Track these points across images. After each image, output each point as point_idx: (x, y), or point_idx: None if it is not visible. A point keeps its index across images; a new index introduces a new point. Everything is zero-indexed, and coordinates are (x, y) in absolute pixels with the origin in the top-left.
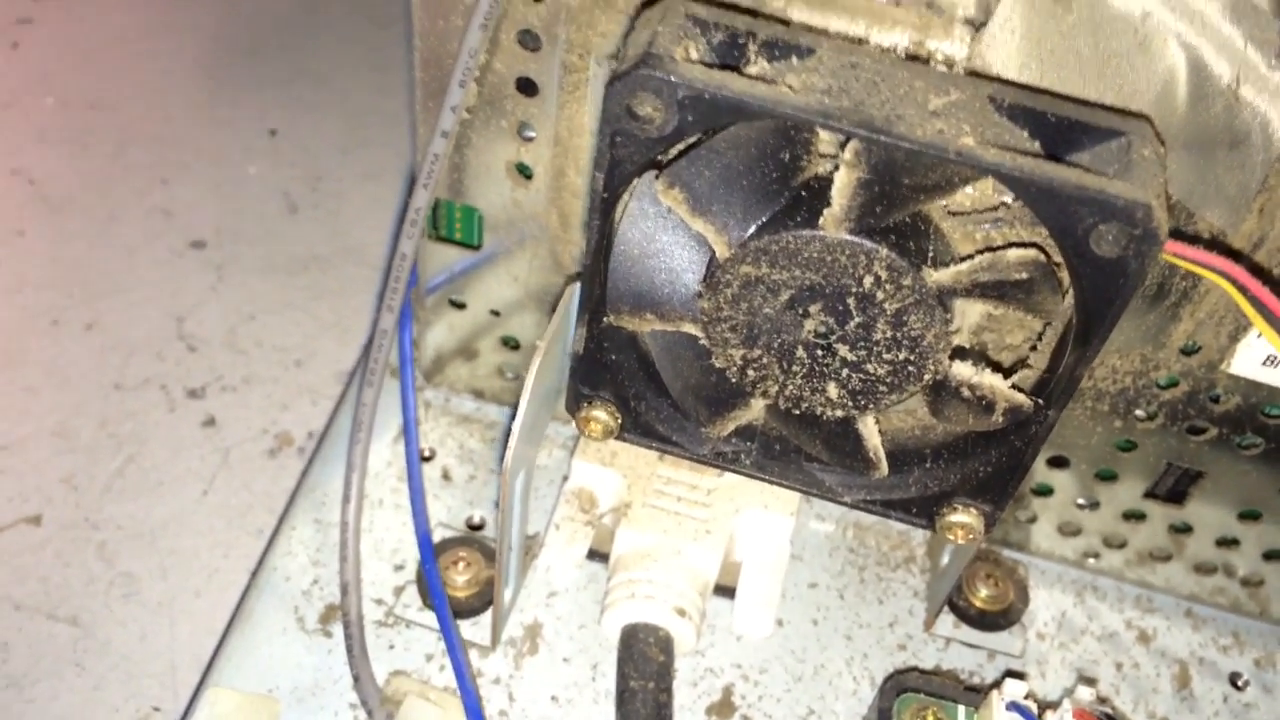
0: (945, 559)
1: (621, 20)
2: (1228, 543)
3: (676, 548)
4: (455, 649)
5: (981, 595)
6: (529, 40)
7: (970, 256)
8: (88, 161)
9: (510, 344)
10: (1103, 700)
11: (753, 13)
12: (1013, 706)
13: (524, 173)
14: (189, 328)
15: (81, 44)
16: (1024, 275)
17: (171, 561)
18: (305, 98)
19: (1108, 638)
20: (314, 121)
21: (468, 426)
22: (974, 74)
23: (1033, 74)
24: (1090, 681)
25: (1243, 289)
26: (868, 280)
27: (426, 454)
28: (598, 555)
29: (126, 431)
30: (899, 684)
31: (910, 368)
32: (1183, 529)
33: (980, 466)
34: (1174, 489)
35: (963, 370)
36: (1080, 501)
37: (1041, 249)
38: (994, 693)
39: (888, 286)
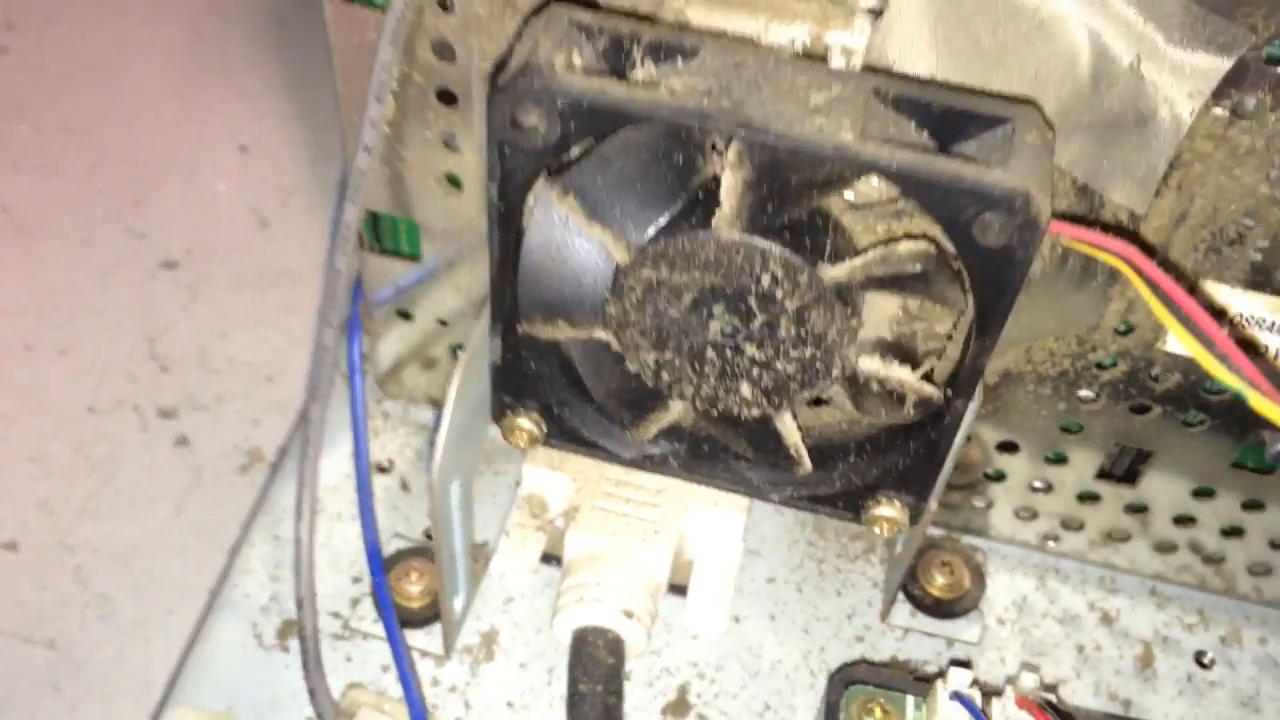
0: (898, 548)
1: None
2: (1185, 520)
3: (625, 550)
4: (401, 659)
5: (938, 584)
6: (444, 51)
7: (865, 251)
8: (61, 186)
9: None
10: (1048, 687)
11: (643, 16)
12: (955, 696)
13: (454, 183)
14: (161, 348)
15: (54, 71)
16: (917, 268)
17: (145, 581)
18: (275, 112)
19: (1070, 620)
20: (283, 136)
21: (426, 436)
22: (871, 66)
23: (932, 63)
24: (1034, 668)
25: (1138, 270)
26: (765, 279)
27: (384, 465)
28: (554, 559)
29: (101, 454)
30: (846, 676)
31: (818, 364)
32: (1139, 509)
33: (901, 459)
34: (1126, 469)
35: (870, 364)
36: (1035, 485)
37: (936, 241)
38: (939, 682)
39: (785, 285)
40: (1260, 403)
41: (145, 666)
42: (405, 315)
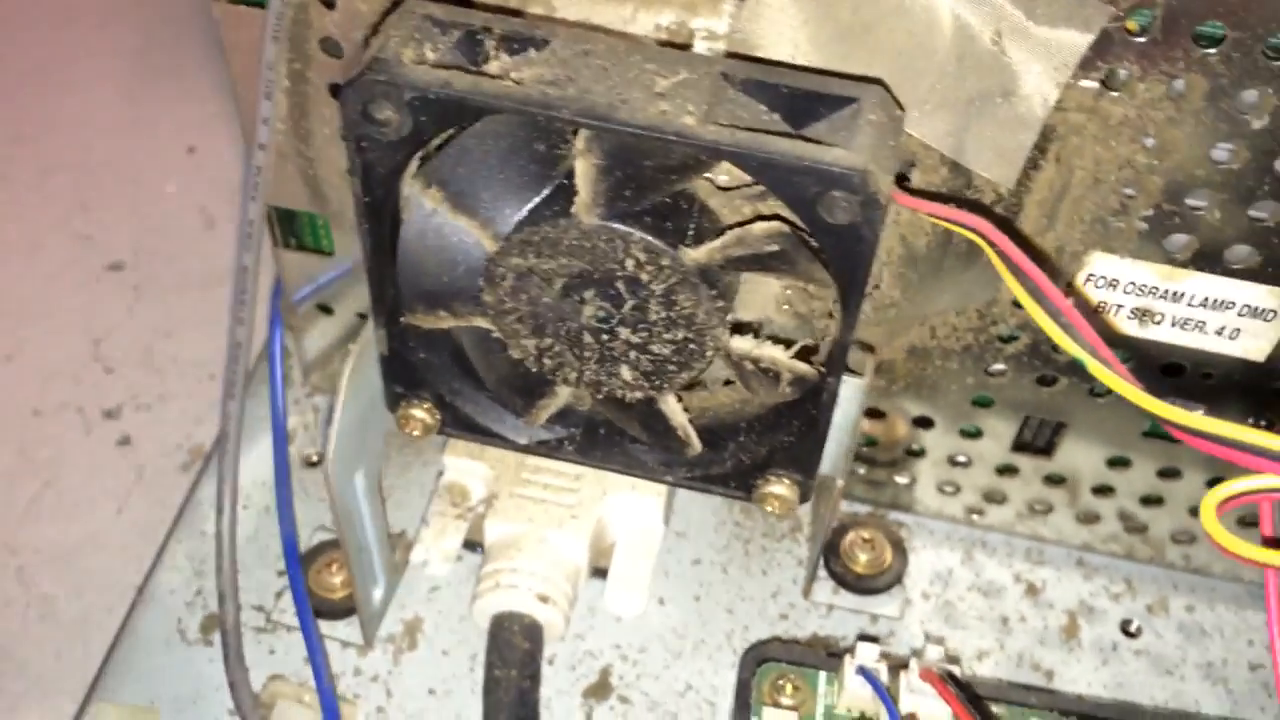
0: (816, 525)
1: None
2: (1105, 490)
3: (541, 535)
4: (315, 651)
5: (859, 560)
6: (332, 47)
7: (724, 231)
8: (9, 193)
9: None
10: (952, 659)
11: (509, 10)
12: (861, 671)
13: None
14: (105, 349)
15: (5, 78)
16: (775, 247)
17: (86, 580)
18: (224, 113)
19: (994, 592)
20: (232, 136)
21: None
22: (735, 52)
23: (797, 43)
24: (939, 640)
25: (991, 242)
26: (629, 263)
27: (314, 459)
28: (478, 546)
29: (44, 456)
30: (759, 654)
31: (691, 345)
32: (1058, 480)
33: (786, 437)
34: (1041, 441)
35: (742, 344)
36: (954, 460)
37: (791, 221)
38: (846, 658)
39: (649, 268)
40: (1101, 372)
41: (84, 665)
42: (326, 310)
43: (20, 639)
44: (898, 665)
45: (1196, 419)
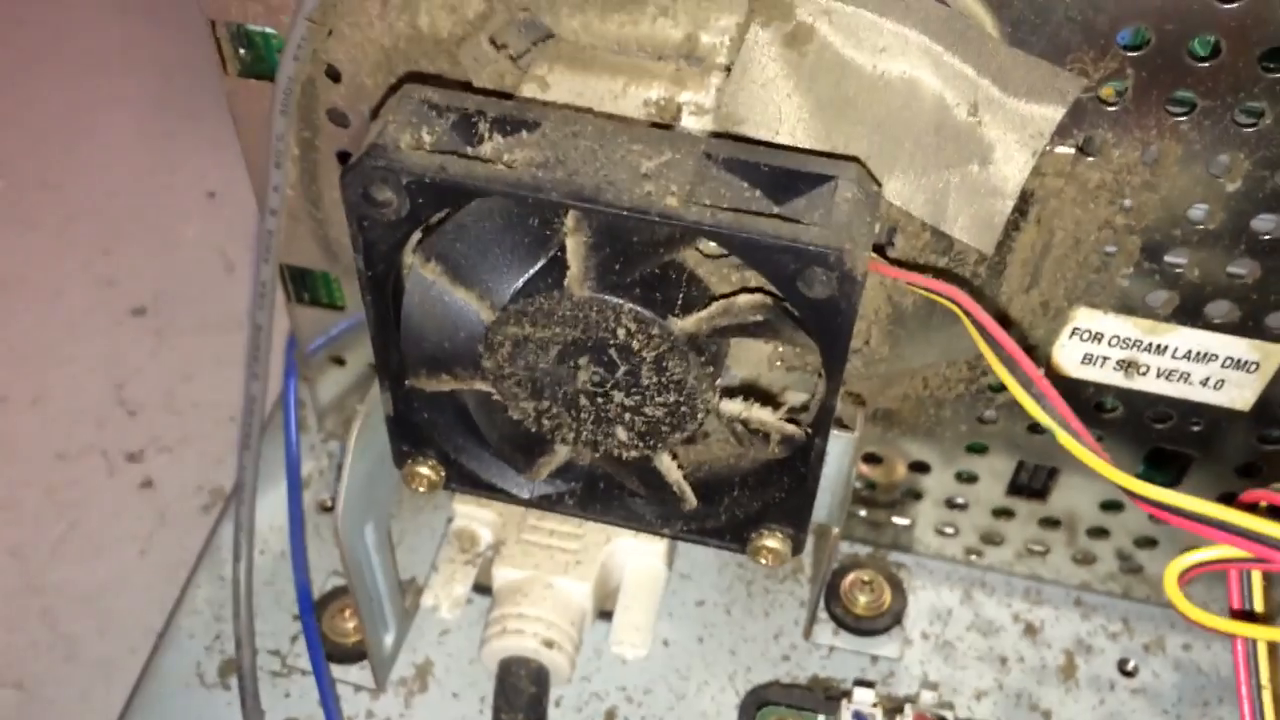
0: (817, 569)
1: None
2: (1100, 532)
3: (547, 581)
4: (326, 695)
5: (859, 602)
6: (339, 118)
7: (714, 301)
8: (35, 239)
9: None
10: (947, 704)
11: (499, 92)
12: (856, 716)
13: None
14: (128, 393)
15: (31, 127)
16: (759, 317)
17: (109, 621)
18: (243, 159)
19: (993, 632)
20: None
21: None
22: (721, 127)
23: (780, 118)
24: (933, 686)
25: (965, 311)
26: (621, 332)
27: (329, 504)
28: (488, 590)
29: (69, 499)
30: (758, 698)
31: (683, 408)
32: (1053, 522)
33: (778, 492)
34: (1035, 484)
35: (732, 406)
36: (951, 502)
37: (773, 292)
38: (843, 702)
39: (639, 337)
40: (1069, 442)
41: (107, 704)
42: (339, 361)
43: (46, 679)
44: (893, 709)
45: (1159, 492)
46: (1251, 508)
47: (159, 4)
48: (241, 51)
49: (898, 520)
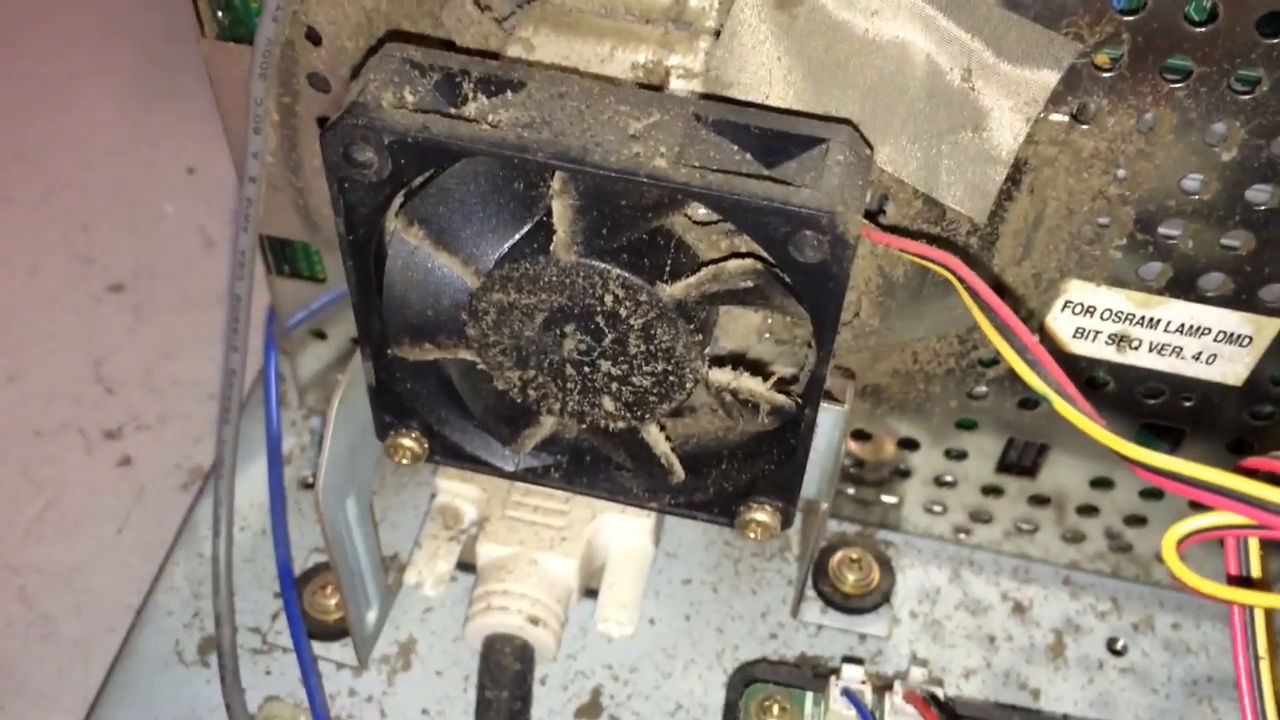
0: (804, 546)
1: None
2: (1089, 510)
3: (532, 557)
4: (308, 673)
5: (847, 580)
6: (319, 83)
7: (702, 267)
8: (12, 214)
9: None
10: (937, 681)
11: (484, 52)
12: (845, 692)
13: None
14: (106, 370)
15: (8, 100)
16: (749, 283)
17: (87, 600)
18: (224, 135)
19: (981, 610)
20: (231, 157)
21: None
22: (710, 90)
23: (770, 81)
24: (923, 663)
25: (960, 278)
26: (608, 299)
27: (310, 480)
28: (472, 568)
29: (45, 476)
30: (746, 675)
31: (671, 377)
32: (1042, 500)
33: (767, 465)
34: (1024, 462)
35: (721, 376)
36: (940, 480)
37: (764, 257)
38: (832, 679)
39: (627, 304)
40: (1066, 409)
41: (84, 684)
42: (320, 335)
43: (21, 658)
44: (882, 687)
45: (1157, 458)
46: (1251, 475)
47: None
48: (219, 14)
49: (886, 498)
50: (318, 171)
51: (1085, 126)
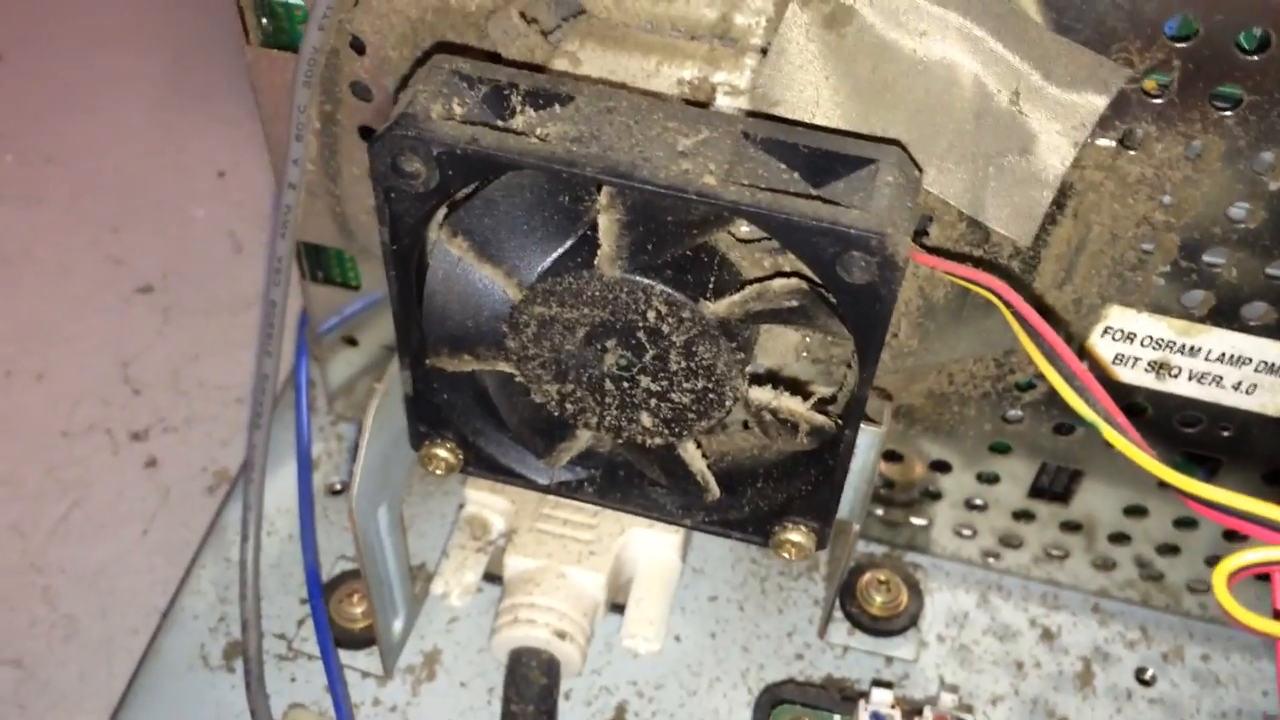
0: (833, 566)
1: None
2: (1121, 538)
3: (560, 570)
4: (335, 681)
5: (875, 602)
6: (361, 91)
7: (747, 286)
8: (42, 215)
9: None
10: (967, 708)
11: (532, 65)
12: (874, 717)
13: None
14: (134, 371)
15: (40, 101)
16: (794, 303)
17: (111, 601)
18: (254, 138)
19: (1010, 636)
20: (262, 161)
21: None
22: (756, 108)
23: (816, 100)
24: (953, 689)
25: (1006, 303)
26: (651, 315)
27: (337, 487)
28: (499, 579)
29: (72, 476)
30: (773, 696)
31: (711, 395)
32: (1074, 526)
33: (803, 485)
34: (1056, 487)
35: (761, 394)
36: (971, 503)
37: (810, 277)
38: (860, 702)
39: (670, 320)
40: (1114, 437)
41: (108, 686)
42: (351, 341)
43: (45, 658)
44: (912, 711)
45: (1209, 490)
46: None
47: None
48: (264, 21)
49: (915, 520)
50: (356, 179)
51: (1132, 152)
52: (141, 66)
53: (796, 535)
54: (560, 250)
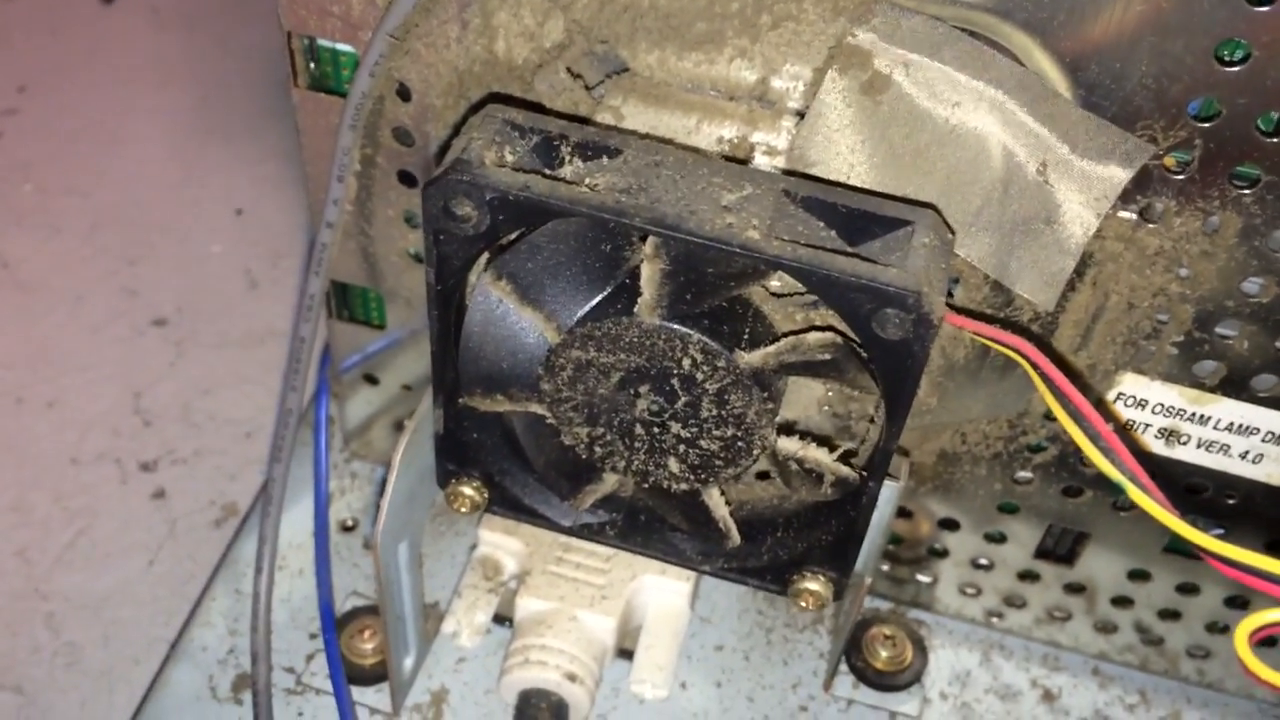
0: (840, 619)
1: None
2: (1124, 601)
3: (572, 614)
4: (345, 716)
5: (880, 656)
6: (404, 137)
7: (780, 338)
8: (60, 244)
9: None
10: None
11: (578, 117)
12: None
13: (416, 258)
14: (145, 403)
15: (61, 132)
16: (827, 356)
17: (114, 631)
18: (272, 177)
19: (1011, 696)
20: (279, 200)
21: None
22: (792, 168)
23: (851, 164)
24: None
25: (1033, 364)
26: (686, 363)
27: (349, 524)
28: (508, 620)
29: (79, 505)
30: None
31: (739, 443)
32: (1078, 588)
33: (824, 536)
34: (1063, 549)
35: (789, 444)
36: (977, 562)
37: (843, 332)
38: None
39: (705, 368)
40: (1139, 497)
41: (108, 715)
42: (372, 380)
43: (46, 686)
44: None
45: (1239, 553)
46: None
47: (197, 20)
48: (312, 65)
49: (921, 577)
50: (390, 222)
51: (1152, 225)
52: (165, 102)
53: (815, 585)
54: (600, 296)
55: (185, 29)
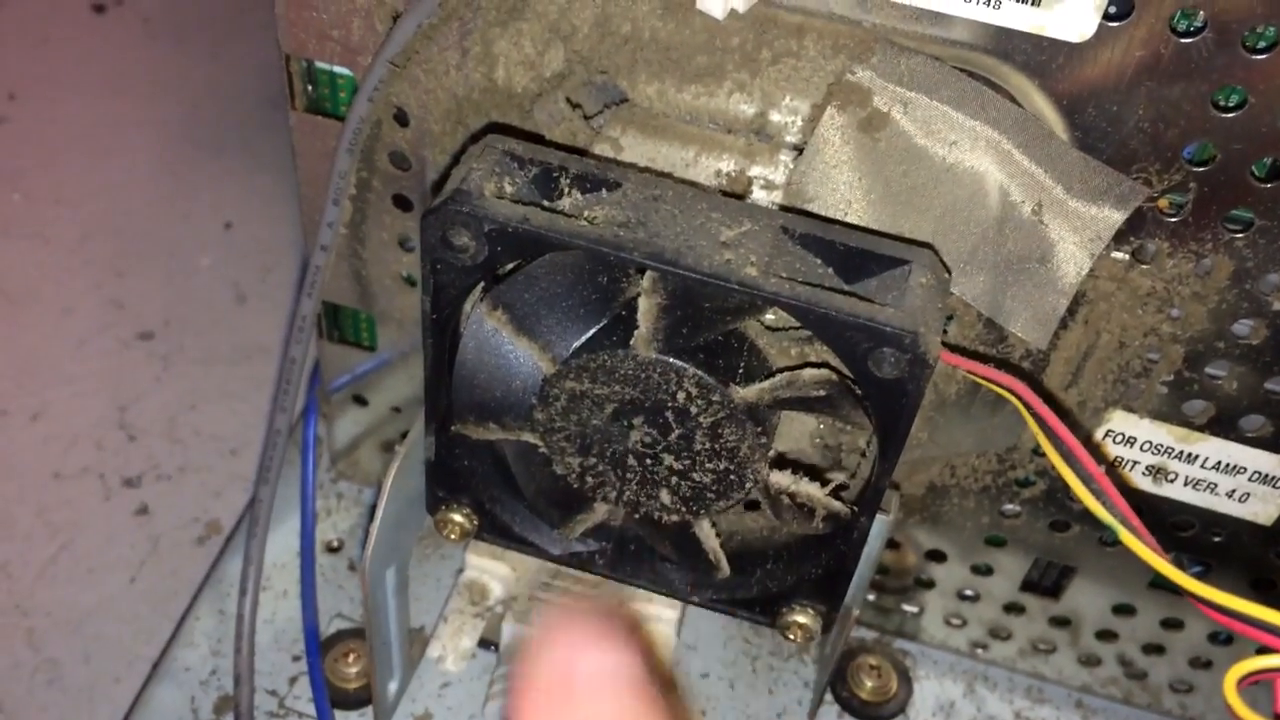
0: (826, 649)
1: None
2: (1108, 635)
3: None
4: None
5: (865, 687)
6: (400, 161)
7: (775, 373)
8: (48, 255)
9: None
10: None
11: (577, 148)
12: None
13: (409, 281)
14: (130, 417)
15: (51, 142)
16: (822, 392)
17: (95, 648)
18: (262, 192)
19: None
20: (269, 214)
21: None
22: (788, 203)
23: (848, 200)
24: None
25: (1026, 404)
26: (680, 396)
27: (334, 545)
28: (493, 645)
29: (62, 519)
30: None
31: (732, 476)
32: (1063, 621)
33: (814, 569)
34: (1047, 582)
35: (782, 479)
36: (963, 593)
37: (838, 369)
38: None
39: (699, 402)
40: (1130, 540)
41: None
42: (361, 401)
43: (25, 703)
44: None
45: (1227, 598)
46: None
47: (189, 32)
48: (309, 88)
49: (907, 607)
50: (383, 245)
51: (1145, 266)
52: (155, 114)
53: (803, 618)
54: (595, 328)
55: (177, 40)
